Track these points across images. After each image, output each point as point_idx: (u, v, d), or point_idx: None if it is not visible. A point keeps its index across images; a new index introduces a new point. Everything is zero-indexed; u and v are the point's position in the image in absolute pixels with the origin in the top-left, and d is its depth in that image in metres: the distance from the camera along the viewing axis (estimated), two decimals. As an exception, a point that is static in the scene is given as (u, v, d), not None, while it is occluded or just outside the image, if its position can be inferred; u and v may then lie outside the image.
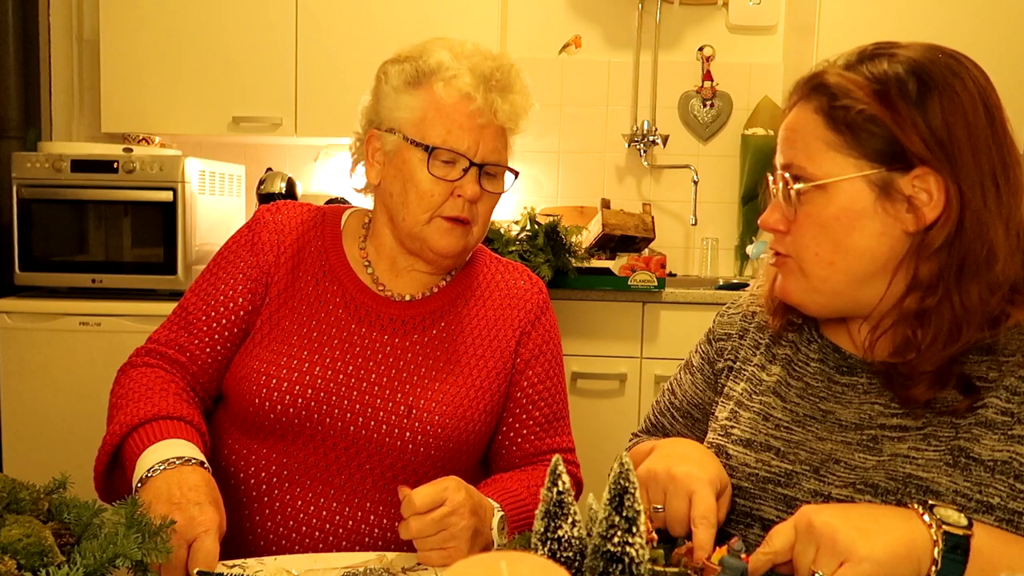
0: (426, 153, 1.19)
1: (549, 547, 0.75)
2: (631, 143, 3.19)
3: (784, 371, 1.02)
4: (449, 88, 1.18)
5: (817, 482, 0.93)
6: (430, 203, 1.20)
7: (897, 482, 0.88)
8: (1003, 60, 2.71)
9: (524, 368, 1.28)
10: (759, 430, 1.00)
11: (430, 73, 1.20)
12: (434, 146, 1.18)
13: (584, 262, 2.60)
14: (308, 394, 1.18)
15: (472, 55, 1.20)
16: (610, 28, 3.22)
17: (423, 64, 1.20)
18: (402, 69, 1.22)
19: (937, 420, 0.89)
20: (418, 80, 1.21)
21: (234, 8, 2.85)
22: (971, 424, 0.87)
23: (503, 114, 1.20)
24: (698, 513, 0.87)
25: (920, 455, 0.88)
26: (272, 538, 1.18)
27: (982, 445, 0.86)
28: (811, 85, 0.92)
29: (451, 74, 1.18)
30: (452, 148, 1.18)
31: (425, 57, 1.20)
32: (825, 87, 0.90)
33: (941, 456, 0.87)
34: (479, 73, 1.19)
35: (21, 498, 0.77)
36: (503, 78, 1.20)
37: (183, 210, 2.59)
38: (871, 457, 0.91)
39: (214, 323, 1.23)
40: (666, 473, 0.91)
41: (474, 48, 1.22)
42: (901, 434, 0.91)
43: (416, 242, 1.23)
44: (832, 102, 0.89)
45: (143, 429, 1.09)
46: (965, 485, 0.85)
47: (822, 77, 0.91)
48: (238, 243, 1.29)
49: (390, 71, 1.24)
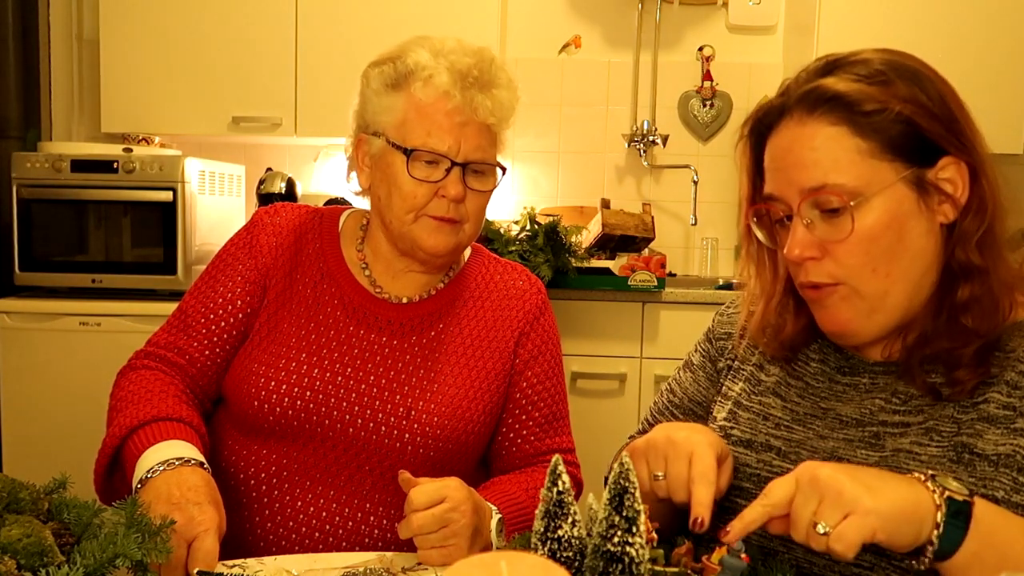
0: (406, 156, 1.18)
1: (549, 547, 0.75)
2: (631, 143, 3.19)
3: (783, 371, 1.02)
4: (427, 88, 1.17)
5: None
6: (413, 204, 1.19)
7: None
8: (1003, 60, 2.72)
9: (523, 369, 1.28)
10: (759, 430, 0.99)
11: (408, 74, 1.18)
12: (413, 148, 1.17)
13: (584, 262, 2.60)
14: (307, 396, 1.18)
15: (451, 52, 1.18)
16: (610, 28, 3.22)
17: (401, 65, 1.19)
18: (382, 71, 1.21)
19: (939, 415, 0.89)
20: (397, 82, 1.20)
21: (234, 8, 2.85)
22: (973, 420, 0.87)
23: (484, 110, 1.18)
24: (697, 472, 0.86)
25: (923, 451, 0.88)
26: (272, 538, 1.18)
27: (985, 440, 0.86)
28: (814, 98, 0.88)
29: (428, 74, 1.17)
30: (432, 149, 1.17)
31: (403, 58, 1.19)
32: (839, 97, 0.87)
33: (944, 452, 0.87)
34: (457, 71, 1.17)
35: (21, 498, 0.77)
36: (482, 74, 1.18)
37: (183, 210, 2.59)
38: (873, 453, 0.91)
39: (213, 325, 1.23)
40: (665, 439, 0.89)
41: (455, 45, 1.20)
42: (903, 429, 0.91)
43: (406, 242, 1.22)
44: (852, 109, 0.86)
45: (143, 431, 1.09)
46: (969, 480, 0.85)
47: (824, 89, 0.88)
48: (236, 246, 1.29)
49: (371, 74, 1.23)
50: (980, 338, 0.88)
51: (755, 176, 0.97)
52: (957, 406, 0.89)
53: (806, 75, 0.92)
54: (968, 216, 0.88)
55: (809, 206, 0.88)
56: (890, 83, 0.87)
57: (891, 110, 0.86)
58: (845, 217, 0.86)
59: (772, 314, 1.01)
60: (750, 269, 1.02)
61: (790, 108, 0.91)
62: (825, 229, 0.88)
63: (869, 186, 0.86)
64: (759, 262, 1.01)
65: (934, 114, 0.87)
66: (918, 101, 0.87)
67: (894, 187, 0.86)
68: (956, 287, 0.89)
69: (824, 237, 0.88)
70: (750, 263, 1.02)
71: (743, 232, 1.00)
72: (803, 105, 0.89)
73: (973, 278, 0.88)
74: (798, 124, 0.89)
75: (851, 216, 0.86)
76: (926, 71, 0.90)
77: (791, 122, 0.90)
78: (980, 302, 0.88)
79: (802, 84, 0.91)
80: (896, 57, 0.90)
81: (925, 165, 0.87)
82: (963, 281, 0.88)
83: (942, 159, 0.87)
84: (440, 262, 1.26)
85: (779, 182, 0.91)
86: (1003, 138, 2.72)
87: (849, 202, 0.86)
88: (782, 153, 0.91)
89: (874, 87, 0.87)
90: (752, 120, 0.96)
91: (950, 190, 0.88)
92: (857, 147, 0.86)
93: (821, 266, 0.90)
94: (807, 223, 0.89)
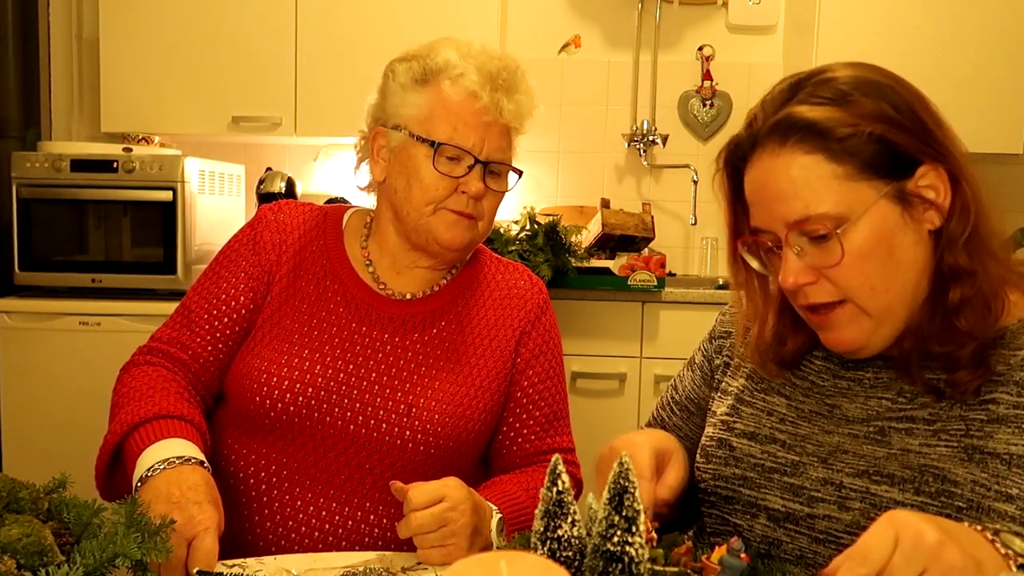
0: (432, 149, 1.19)
1: (549, 546, 0.75)
2: (631, 143, 3.19)
3: (788, 370, 1.02)
4: (456, 86, 1.19)
5: (826, 470, 0.92)
6: (434, 195, 1.20)
7: (913, 471, 0.88)
8: (1003, 60, 2.71)
9: (524, 368, 1.28)
10: (763, 423, 1.00)
11: (437, 71, 1.21)
12: (440, 142, 1.19)
13: (584, 262, 2.60)
14: (308, 393, 1.18)
15: (479, 55, 1.22)
16: (610, 28, 3.22)
17: (431, 62, 1.21)
18: (409, 67, 1.23)
19: (946, 415, 0.89)
20: (425, 78, 1.22)
21: (234, 8, 2.85)
22: (982, 422, 0.87)
23: (508, 113, 1.21)
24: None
25: (932, 450, 0.88)
26: (272, 538, 1.18)
27: (996, 440, 0.86)
28: (784, 128, 0.88)
29: (458, 72, 1.19)
30: (458, 144, 1.19)
31: (433, 56, 1.22)
32: (810, 125, 0.87)
33: (954, 452, 0.87)
34: (486, 72, 1.20)
35: (21, 498, 0.77)
36: (509, 78, 1.21)
37: (183, 210, 2.59)
38: (880, 449, 0.91)
39: (216, 321, 1.24)
40: (609, 449, 0.94)
41: (481, 48, 1.23)
42: (908, 425, 0.91)
43: (422, 235, 1.23)
44: (825, 136, 0.86)
45: (143, 428, 1.09)
46: (983, 476, 0.85)
47: (794, 118, 0.88)
48: (240, 242, 1.29)
49: (397, 69, 1.24)
50: (974, 339, 0.88)
51: (736, 206, 0.97)
52: (963, 405, 0.89)
53: (772, 103, 0.92)
54: (952, 220, 0.88)
55: (796, 235, 0.89)
56: (856, 102, 0.87)
57: (863, 132, 0.85)
58: (833, 243, 0.87)
59: (767, 338, 1.01)
60: (740, 295, 1.03)
61: (761, 140, 0.90)
62: (816, 255, 0.88)
63: (852, 209, 0.86)
64: (748, 288, 1.01)
65: (904, 126, 0.87)
66: (886, 116, 0.87)
67: (877, 205, 0.87)
68: (947, 290, 0.89)
69: (816, 263, 0.89)
70: (739, 290, 1.02)
71: (730, 261, 1.01)
72: (774, 136, 0.89)
73: (963, 280, 0.88)
74: (772, 156, 0.89)
75: (839, 242, 0.86)
76: (892, 83, 0.89)
77: (764, 154, 0.90)
78: (971, 304, 0.88)
79: (770, 114, 0.90)
80: (860, 72, 0.90)
81: (903, 177, 0.87)
82: (953, 284, 0.88)
83: (919, 168, 0.87)
84: (452, 256, 1.27)
85: (763, 216, 0.91)
86: (1003, 138, 2.72)
87: (835, 229, 0.86)
88: (760, 187, 0.91)
89: (841, 110, 0.87)
90: (725, 153, 0.96)
91: (932, 197, 0.87)
92: (834, 173, 0.86)
93: (819, 287, 0.90)
94: (797, 251, 0.89)
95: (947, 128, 0.90)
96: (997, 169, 3.05)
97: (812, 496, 0.92)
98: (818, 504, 0.92)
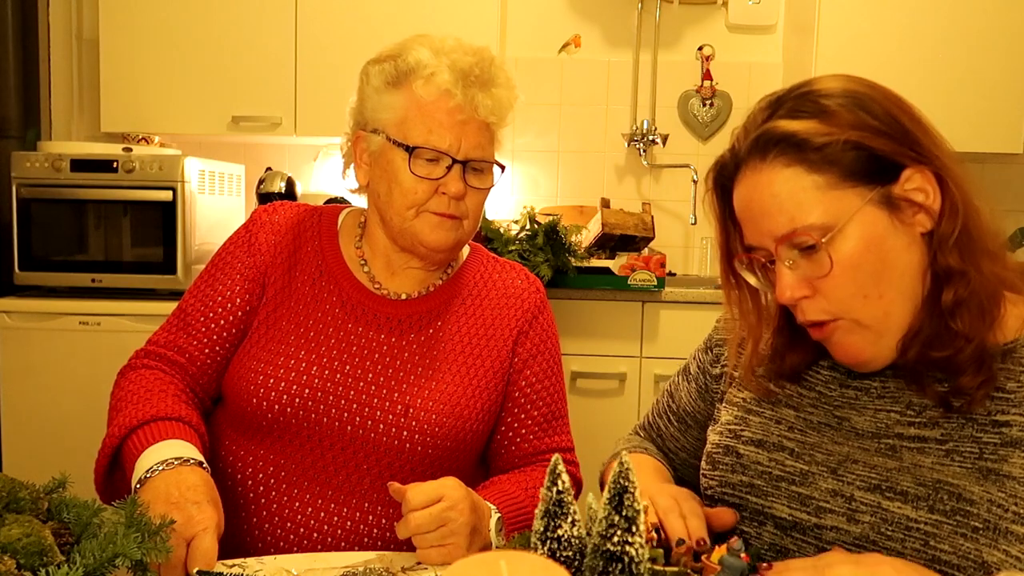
0: (408, 153, 1.18)
1: (549, 546, 0.75)
2: (631, 142, 3.19)
3: (795, 382, 1.01)
4: (428, 86, 1.18)
5: (836, 481, 0.92)
6: (414, 199, 1.19)
7: (927, 487, 0.87)
8: (1003, 60, 2.71)
9: (522, 367, 1.28)
10: (771, 431, 0.99)
11: (409, 72, 1.19)
12: (415, 146, 1.18)
13: (584, 261, 2.60)
14: (305, 394, 1.18)
15: (452, 51, 1.19)
16: (610, 27, 3.22)
17: (402, 63, 1.20)
18: (382, 69, 1.22)
19: (958, 435, 0.88)
20: (398, 79, 1.20)
21: (234, 8, 2.85)
22: (996, 445, 0.86)
23: (485, 109, 1.19)
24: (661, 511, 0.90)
25: (946, 469, 0.87)
26: (271, 538, 1.17)
27: (1011, 464, 0.85)
28: (763, 143, 0.89)
29: (429, 72, 1.18)
30: (433, 147, 1.18)
31: (404, 56, 1.20)
32: (787, 137, 0.87)
33: (968, 472, 0.86)
34: (458, 69, 1.18)
35: (21, 498, 0.77)
36: (483, 72, 1.19)
37: (183, 210, 2.59)
38: (892, 462, 0.90)
39: (212, 324, 1.24)
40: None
41: (455, 43, 1.21)
42: (920, 444, 0.90)
43: (407, 238, 1.23)
44: (803, 148, 0.87)
45: (142, 430, 1.09)
46: (1000, 496, 0.84)
47: (771, 132, 0.89)
48: (235, 244, 1.29)
49: (371, 72, 1.23)
50: (970, 341, 0.87)
51: (727, 225, 0.98)
52: (976, 425, 0.88)
53: (753, 121, 0.92)
54: (943, 221, 0.88)
55: (786, 248, 0.89)
56: (833, 113, 0.87)
57: (839, 140, 0.86)
58: (822, 253, 0.87)
59: (763, 355, 1.01)
60: (733, 312, 1.03)
61: (744, 157, 0.91)
62: (807, 266, 0.89)
63: (838, 218, 0.86)
64: (742, 306, 1.01)
65: (883, 132, 0.87)
66: (864, 124, 0.87)
67: (863, 211, 0.86)
68: (942, 292, 0.89)
69: (808, 274, 0.89)
70: (732, 307, 1.02)
71: (722, 278, 1.01)
72: (755, 153, 0.90)
73: (955, 281, 0.88)
74: (754, 172, 0.90)
75: (827, 252, 0.87)
76: (870, 92, 0.89)
77: (748, 171, 0.91)
78: (966, 304, 0.88)
79: (750, 133, 0.91)
80: (840, 84, 0.90)
81: (888, 182, 0.87)
82: (946, 285, 0.88)
83: (904, 172, 0.87)
84: (440, 258, 1.26)
85: (753, 233, 0.92)
86: (1003, 138, 2.72)
87: (821, 239, 0.86)
88: (747, 204, 0.92)
89: (818, 121, 0.87)
90: (713, 174, 0.97)
91: (921, 199, 0.87)
92: (815, 183, 0.87)
93: (815, 304, 0.90)
94: (789, 264, 0.89)
95: (931, 130, 0.90)
96: (997, 169, 3.05)
97: (820, 507, 0.92)
98: (826, 515, 0.91)
